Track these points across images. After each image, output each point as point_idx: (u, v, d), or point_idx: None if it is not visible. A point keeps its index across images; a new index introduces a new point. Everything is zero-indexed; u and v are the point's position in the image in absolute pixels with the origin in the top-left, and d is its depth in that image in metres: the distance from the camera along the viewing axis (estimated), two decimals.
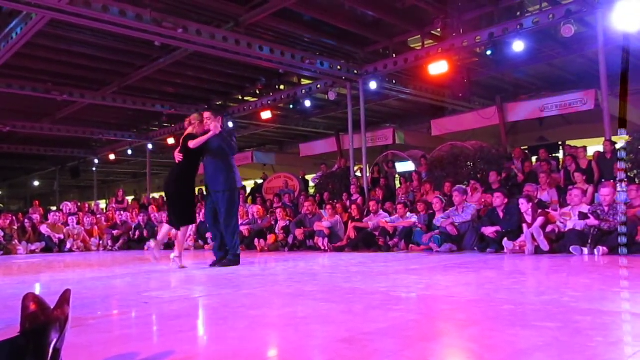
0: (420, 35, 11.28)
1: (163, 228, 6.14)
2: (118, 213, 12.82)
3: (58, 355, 1.55)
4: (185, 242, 10.84)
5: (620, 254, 5.61)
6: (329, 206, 9.49)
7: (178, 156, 5.76)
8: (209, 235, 10.72)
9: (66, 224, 11.73)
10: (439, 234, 7.49)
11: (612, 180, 6.77)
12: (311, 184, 14.85)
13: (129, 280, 4.93)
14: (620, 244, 5.65)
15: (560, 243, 6.27)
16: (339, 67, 11.84)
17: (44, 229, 11.37)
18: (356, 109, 12.57)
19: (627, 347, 1.86)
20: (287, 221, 9.79)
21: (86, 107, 15.00)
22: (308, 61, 11.05)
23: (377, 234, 8.27)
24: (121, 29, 8.83)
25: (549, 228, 6.42)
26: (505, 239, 6.66)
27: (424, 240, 7.65)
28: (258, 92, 15.19)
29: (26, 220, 11.69)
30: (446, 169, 10.48)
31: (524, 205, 6.67)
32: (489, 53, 10.57)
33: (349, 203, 10.08)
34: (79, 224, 11.97)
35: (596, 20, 8.65)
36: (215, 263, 5.88)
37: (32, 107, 15.24)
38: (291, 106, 14.21)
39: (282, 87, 14.61)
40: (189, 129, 5.89)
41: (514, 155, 10.30)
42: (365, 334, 2.18)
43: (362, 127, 12.40)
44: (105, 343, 2.18)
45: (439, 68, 10.70)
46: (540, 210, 6.72)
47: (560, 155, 12.90)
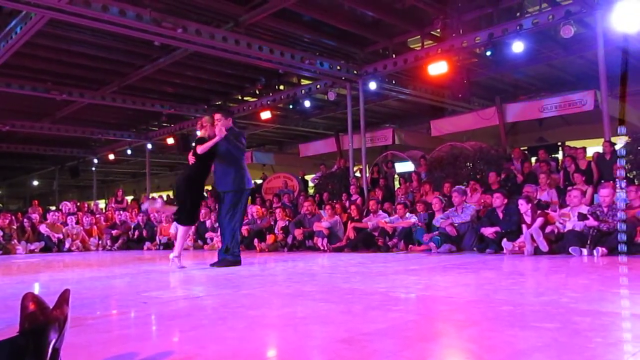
0: (419, 36, 11.29)
1: (172, 227, 6.15)
2: (117, 213, 12.81)
3: (57, 355, 1.55)
4: (185, 242, 10.90)
5: (619, 255, 5.60)
6: (328, 206, 9.50)
7: (191, 158, 5.82)
8: (208, 235, 10.76)
9: (65, 224, 11.72)
10: (438, 235, 7.49)
11: (612, 181, 6.78)
12: (310, 184, 14.85)
13: (128, 280, 4.93)
14: (620, 242, 5.64)
15: (560, 244, 6.27)
16: (339, 68, 11.85)
17: (43, 228, 11.36)
18: (356, 109, 12.57)
19: (627, 348, 1.86)
20: (287, 221, 9.79)
21: (85, 107, 15.00)
22: (308, 61, 11.06)
23: (377, 234, 8.27)
24: (121, 29, 8.84)
25: (548, 229, 6.43)
26: (505, 240, 6.66)
27: (424, 240, 7.64)
28: (257, 92, 15.19)
29: (25, 220, 11.67)
30: (445, 169, 10.48)
31: (523, 206, 6.67)
32: (489, 54, 10.58)
33: (348, 203, 10.08)
34: (78, 223, 11.96)
35: (595, 21, 8.65)
36: (215, 263, 5.87)
37: (32, 107, 15.23)
38: (291, 106, 14.22)
39: (282, 87, 14.62)
40: (201, 132, 5.92)
41: (513, 155, 10.31)
42: (365, 334, 2.18)
43: (362, 128, 12.41)
44: (104, 343, 2.18)
45: (438, 68, 10.71)
46: (539, 211, 6.72)
47: (560, 155, 12.91)
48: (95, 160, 22.10)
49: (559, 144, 14.90)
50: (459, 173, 10.26)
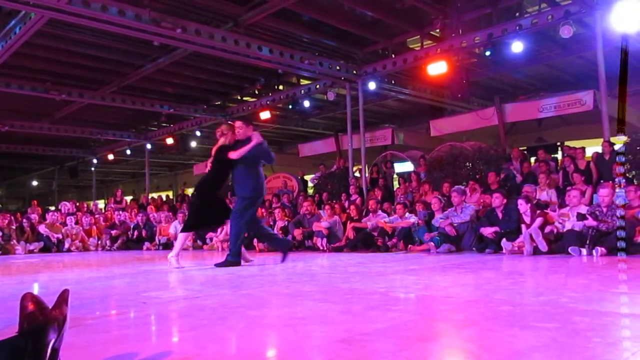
0: (419, 36, 11.30)
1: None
2: (116, 213, 12.80)
3: (56, 355, 1.55)
4: (185, 243, 10.89)
5: (618, 255, 5.61)
6: (327, 206, 9.50)
7: (209, 165, 5.93)
8: (208, 235, 10.75)
9: (64, 224, 11.71)
10: (438, 235, 7.49)
11: (611, 181, 6.78)
12: (310, 184, 14.86)
13: (128, 280, 4.93)
14: (619, 240, 5.64)
15: (559, 244, 6.27)
16: (338, 68, 11.85)
17: (43, 228, 11.35)
18: (355, 109, 12.58)
19: (626, 348, 1.86)
20: (286, 221, 9.78)
21: (85, 107, 14.99)
22: (307, 61, 11.06)
23: (376, 234, 8.27)
24: (120, 29, 8.84)
25: (548, 229, 6.43)
26: (504, 240, 6.66)
27: (425, 238, 7.62)
28: (257, 92, 15.19)
29: (24, 220, 11.66)
30: (445, 169, 10.48)
31: (523, 206, 6.67)
32: (488, 54, 10.59)
33: (347, 203, 10.08)
34: (77, 223, 11.95)
35: (595, 21, 8.66)
36: (219, 263, 5.94)
37: (31, 107, 15.22)
38: (290, 106, 14.22)
39: (281, 87, 14.62)
40: (221, 140, 5.95)
41: (512, 155, 10.31)
42: (364, 334, 2.18)
43: (361, 128, 12.41)
44: (103, 343, 2.18)
45: (437, 68, 10.72)
46: (538, 211, 6.72)
47: (559, 155, 12.92)
48: (95, 161, 22.10)
49: (558, 144, 14.91)
50: (459, 173, 10.26)
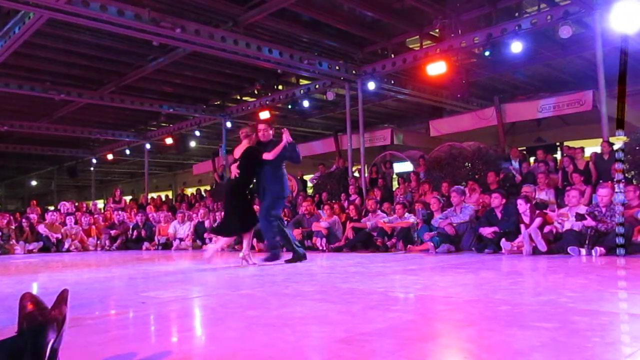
0: (418, 36, 11.30)
1: (246, 237, 6.16)
2: (116, 213, 12.79)
3: (55, 355, 1.55)
4: (183, 243, 10.90)
5: (617, 255, 5.61)
6: (327, 206, 9.49)
7: (235, 170, 5.99)
8: (207, 235, 10.74)
9: (64, 224, 11.70)
10: (437, 233, 7.48)
11: (610, 181, 6.78)
12: (309, 184, 14.85)
13: (127, 280, 4.92)
14: (617, 240, 5.65)
15: (558, 244, 6.27)
16: (338, 68, 11.85)
17: (42, 228, 11.34)
18: (354, 110, 12.58)
19: (625, 348, 1.87)
20: (285, 221, 9.76)
21: (84, 107, 14.98)
22: (306, 61, 11.06)
23: (375, 234, 8.27)
24: (119, 29, 8.83)
25: (547, 229, 6.43)
26: (503, 240, 6.66)
27: (425, 238, 7.61)
28: (256, 92, 15.19)
29: (24, 220, 11.65)
30: (444, 169, 10.48)
31: (522, 206, 6.67)
32: (487, 54, 10.59)
33: (346, 203, 10.08)
34: (76, 223, 11.94)
35: (594, 22, 8.67)
36: (287, 260, 6.09)
37: (30, 107, 15.21)
38: (289, 106, 14.23)
39: (281, 87, 14.62)
40: (245, 142, 6.07)
41: (511, 155, 10.31)
42: (363, 334, 2.18)
43: (361, 128, 12.41)
44: (102, 343, 2.17)
45: (437, 69, 10.72)
46: (537, 211, 6.72)
47: (558, 156, 12.93)
48: (94, 160, 22.10)
49: (558, 144, 14.92)
50: (458, 173, 10.26)
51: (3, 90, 12.39)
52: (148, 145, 19.03)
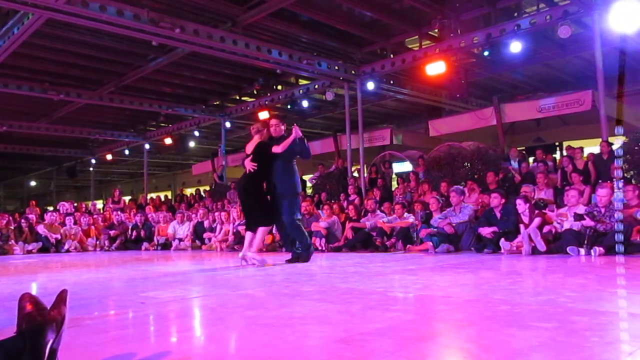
0: (417, 36, 11.31)
1: (247, 237, 6.07)
2: (115, 213, 12.78)
3: (54, 355, 1.55)
4: (183, 243, 10.89)
5: (616, 255, 5.62)
6: (326, 206, 9.49)
7: (249, 165, 5.92)
8: (206, 235, 10.75)
9: (63, 224, 11.69)
10: (436, 233, 7.48)
11: (609, 181, 6.79)
12: (308, 184, 14.85)
13: (126, 280, 4.92)
14: (617, 241, 5.65)
15: (557, 243, 6.27)
16: (337, 68, 11.85)
17: (41, 229, 11.33)
18: (354, 110, 12.58)
19: (624, 347, 1.87)
20: None
21: (83, 107, 14.98)
22: (306, 61, 11.06)
23: (375, 234, 8.27)
24: (118, 29, 8.83)
25: (546, 229, 6.43)
26: (503, 240, 6.66)
27: (422, 235, 7.60)
28: (255, 92, 15.20)
29: (23, 221, 11.64)
30: (443, 169, 10.48)
31: (521, 206, 6.67)
32: (486, 54, 10.59)
33: (346, 203, 10.08)
34: (75, 224, 11.93)
35: (593, 22, 8.67)
36: (290, 259, 6.07)
37: (29, 107, 15.21)
38: (289, 106, 14.22)
39: (280, 88, 14.62)
40: (256, 137, 6.03)
41: (510, 155, 10.31)
42: (362, 334, 2.18)
43: (360, 128, 12.41)
44: (102, 343, 2.17)
45: (436, 69, 10.72)
46: (537, 211, 6.72)
47: (557, 155, 12.95)
48: (93, 161, 22.09)
49: (557, 144, 14.93)
50: (457, 173, 10.26)
51: (2, 90, 12.38)
52: (147, 146, 19.03)
